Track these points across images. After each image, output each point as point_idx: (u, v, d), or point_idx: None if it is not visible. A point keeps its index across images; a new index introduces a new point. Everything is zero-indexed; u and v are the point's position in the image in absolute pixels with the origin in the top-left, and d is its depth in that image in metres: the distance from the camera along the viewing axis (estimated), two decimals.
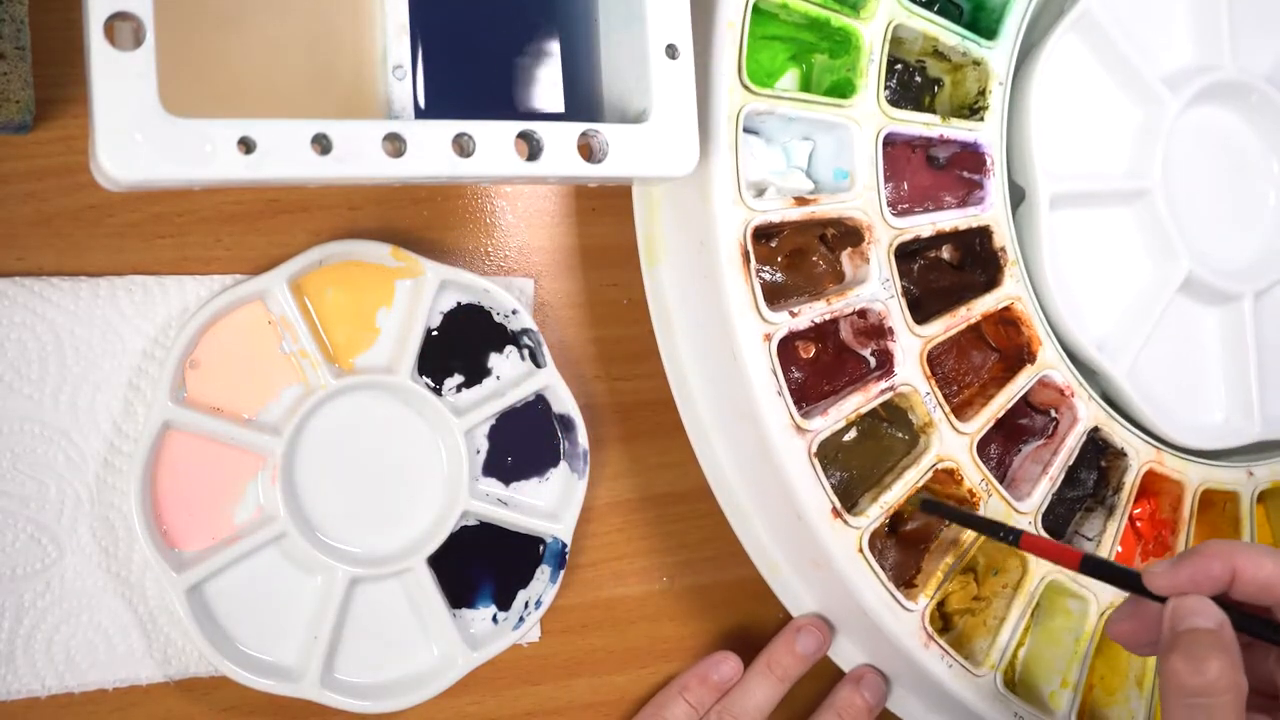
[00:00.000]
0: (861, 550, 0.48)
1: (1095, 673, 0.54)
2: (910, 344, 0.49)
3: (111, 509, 0.45)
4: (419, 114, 0.42)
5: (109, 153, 0.34)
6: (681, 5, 0.43)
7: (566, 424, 0.51)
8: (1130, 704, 0.53)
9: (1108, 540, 0.53)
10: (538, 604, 0.50)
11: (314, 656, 0.46)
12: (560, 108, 0.45)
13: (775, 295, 0.49)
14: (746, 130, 0.46)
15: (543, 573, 0.50)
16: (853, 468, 0.51)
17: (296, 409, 0.46)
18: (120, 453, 0.45)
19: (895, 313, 0.49)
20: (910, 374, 0.49)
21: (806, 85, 0.51)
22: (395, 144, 0.38)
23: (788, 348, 0.47)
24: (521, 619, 0.50)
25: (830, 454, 0.50)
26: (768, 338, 0.46)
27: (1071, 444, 0.53)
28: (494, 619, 0.50)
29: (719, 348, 0.47)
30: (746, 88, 0.46)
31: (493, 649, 0.49)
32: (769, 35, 0.49)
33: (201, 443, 0.45)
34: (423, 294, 0.47)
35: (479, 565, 0.49)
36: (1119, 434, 0.54)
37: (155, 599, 0.45)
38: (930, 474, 0.50)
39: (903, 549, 0.52)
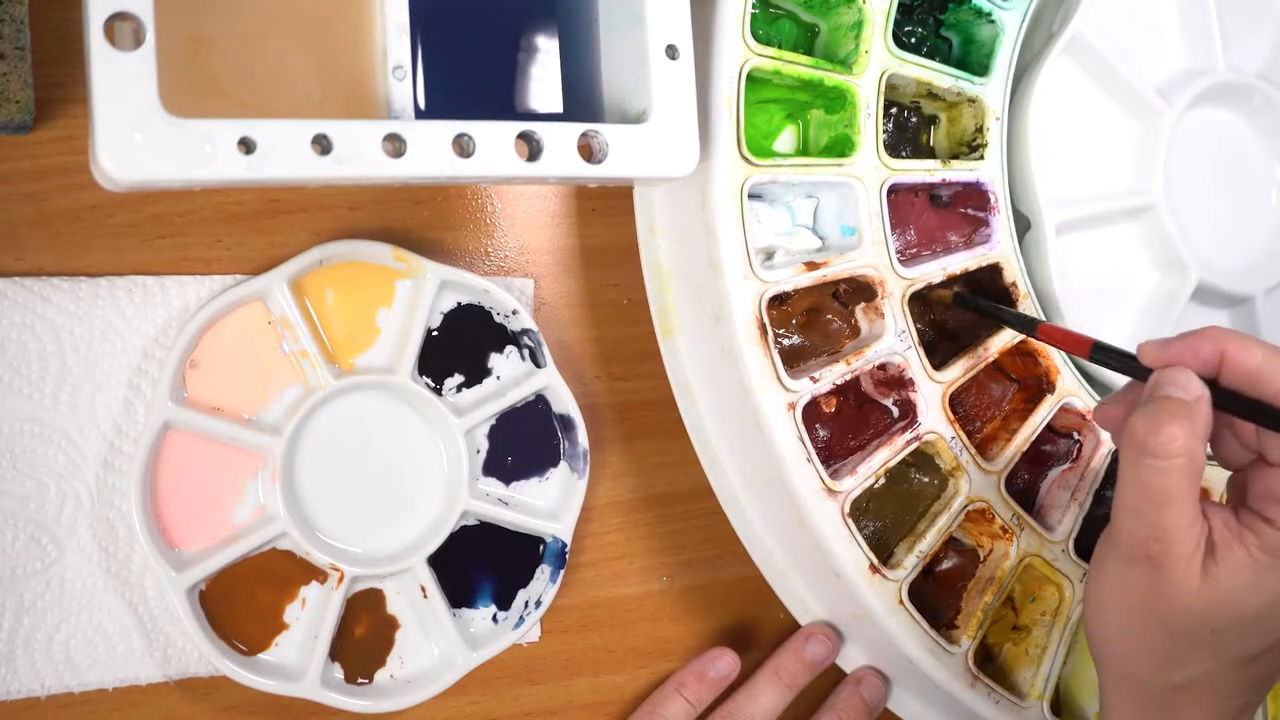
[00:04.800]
0: (902, 602, 0.48)
1: None
2: (931, 391, 0.49)
3: (111, 509, 0.45)
4: (419, 114, 0.42)
5: (109, 153, 0.34)
6: (681, 5, 0.43)
7: (566, 424, 0.51)
8: None
9: None
10: (538, 604, 0.50)
11: (314, 656, 0.46)
12: (560, 108, 0.45)
13: (794, 358, 0.49)
14: (750, 196, 0.46)
15: (543, 572, 0.50)
16: (884, 516, 0.52)
17: (296, 409, 0.46)
18: (120, 453, 0.45)
19: (914, 362, 0.49)
20: (934, 421, 0.49)
21: (804, 141, 0.51)
22: (395, 144, 0.38)
23: (810, 405, 0.47)
24: (521, 619, 0.50)
25: (861, 505, 0.51)
26: (791, 406, 0.46)
27: (1097, 466, 0.53)
28: (494, 619, 0.50)
29: (743, 417, 0.47)
30: (747, 160, 0.46)
31: (493, 649, 0.49)
32: (764, 99, 0.49)
33: (201, 443, 0.45)
34: (423, 294, 0.47)
35: (479, 565, 0.49)
36: None
37: (155, 599, 0.45)
38: (962, 516, 0.50)
39: (940, 590, 0.52)
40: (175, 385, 0.45)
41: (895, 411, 0.50)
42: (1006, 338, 0.51)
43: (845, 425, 0.50)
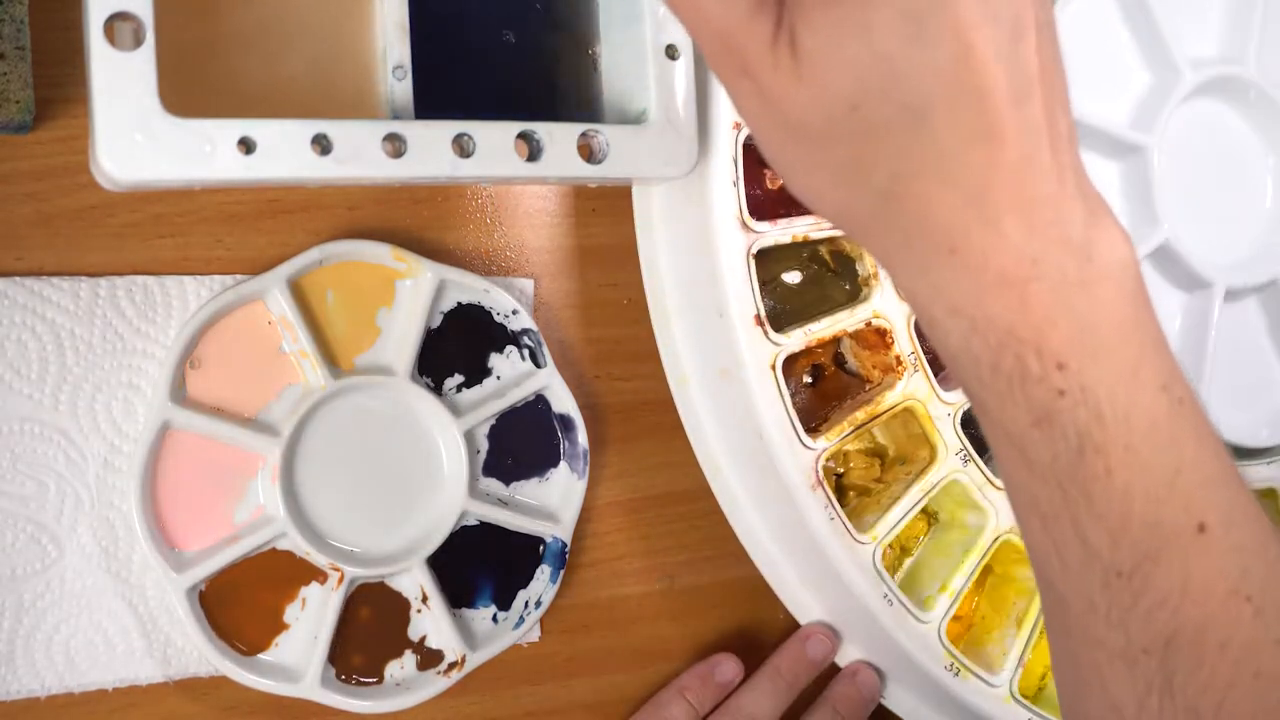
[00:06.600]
0: (774, 368, 0.47)
1: (977, 612, 0.54)
2: None
3: (111, 509, 0.45)
4: (419, 114, 0.42)
5: (109, 153, 0.34)
6: None
7: (566, 424, 0.51)
8: (1006, 641, 0.53)
9: None
10: (538, 604, 0.50)
11: (314, 657, 0.46)
12: (560, 108, 0.46)
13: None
14: None
15: (543, 573, 0.50)
16: (788, 303, 0.50)
17: (296, 409, 0.46)
18: (120, 453, 0.45)
19: None
20: None
21: None
22: (395, 144, 0.38)
23: (755, 172, 0.46)
24: (521, 619, 0.50)
25: (769, 287, 0.49)
26: (737, 126, 0.45)
27: None
28: (494, 619, 0.50)
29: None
30: None
31: (493, 649, 0.49)
32: None
33: (201, 443, 0.45)
34: (423, 294, 0.47)
35: (479, 565, 0.49)
36: None
37: (155, 599, 0.45)
38: (862, 325, 0.49)
39: (817, 400, 0.51)
40: (175, 385, 0.45)
41: None
42: None
43: (784, 200, 0.49)
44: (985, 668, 0.52)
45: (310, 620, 0.46)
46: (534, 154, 0.41)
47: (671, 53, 0.43)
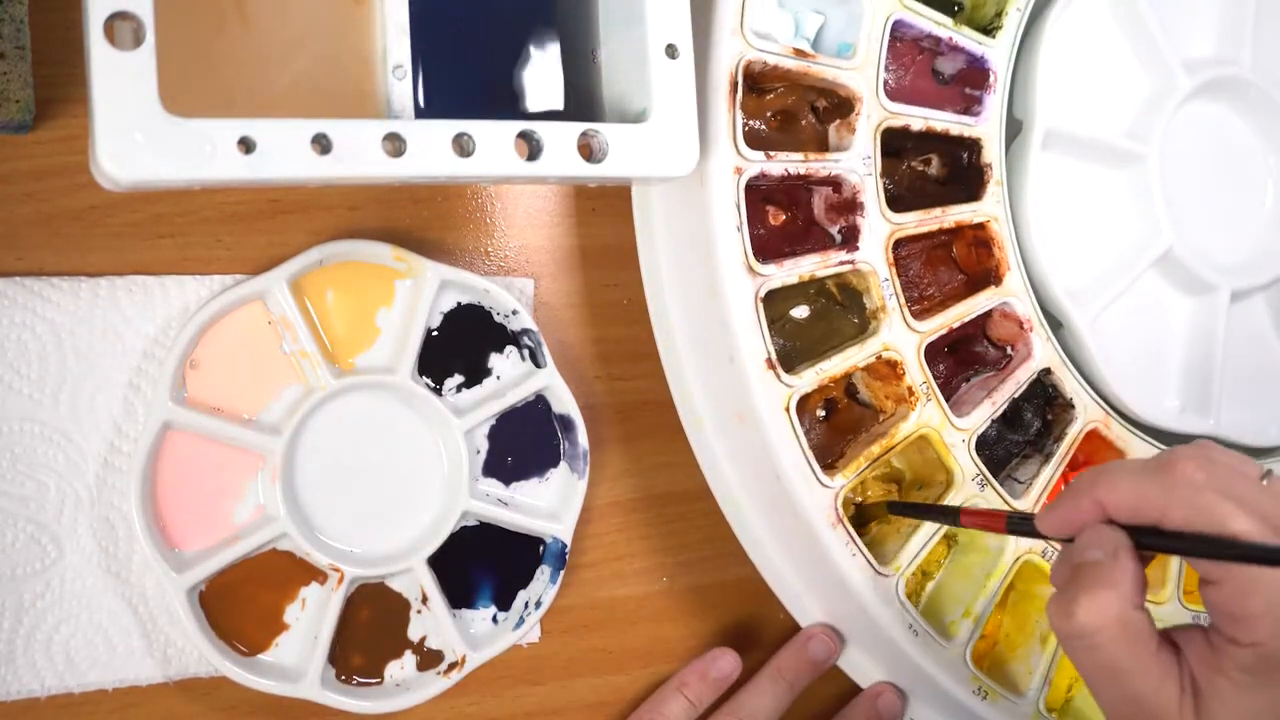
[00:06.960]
0: (788, 410, 0.47)
1: (1001, 629, 0.54)
2: (879, 226, 0.49)
3: (111, 509, 0.45)
4: (419, 114, 0.42)
5: (109, 153, 0.34)
6: (681, 5, 0.43)
7: (566, 424, 0.51)
8: (1031, 659, 0.53)
9: (1039, 485, 0.52)
10: (538, 604, 0.50)
11: (314, 657, 0.46)
12: (560, 107, 0.46)
13: (757, 146, 0.48)
14: None
15: (543, 573, 0.50)
16: (798, 339, 0.50)
17: (296, 409, 0.46)
18: (120, 453, 0.45)
19: (870, 190, 0.48)
20: (872, 254, 0.48)
21: None
22: (395, 144, 0.38)
23: (757, 209, 0.46)
24: (521, 619, 0.50)
25: (778, 324, 0.49)
26: (738, 170, 0.46)
27: (1022, 377, 0.52)
28: (494, 619, 0.50)
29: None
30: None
31: (493, 649, 0.49)
32: None
33: (201, 443, 0.45)
34: (423, 294, 0.47)
35: (479, 565, 0.49)
36: (1070, 384, 0.53)
37: (155, 599, 0.45)
38: (873, 359, 0.49)
39: (832, 435, 0.51)
40: (175, 385, 0.45)
41: (839, 239, 0.50)
42: (968, 212, 0.50)
43: (786, 238, 0.50)
44: (1012, 689, 0.51)
45: (310, 620, 0.46)
46: (534, 154, 0.41)
47: (671, 52, 0.43)
